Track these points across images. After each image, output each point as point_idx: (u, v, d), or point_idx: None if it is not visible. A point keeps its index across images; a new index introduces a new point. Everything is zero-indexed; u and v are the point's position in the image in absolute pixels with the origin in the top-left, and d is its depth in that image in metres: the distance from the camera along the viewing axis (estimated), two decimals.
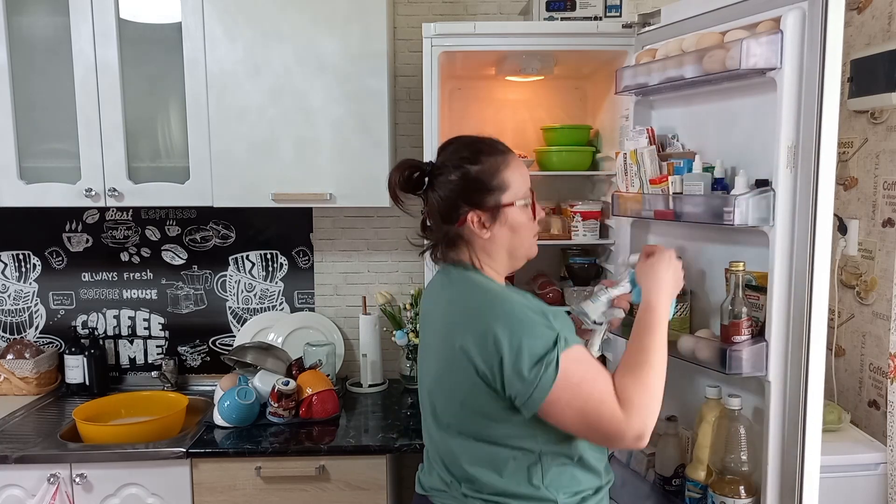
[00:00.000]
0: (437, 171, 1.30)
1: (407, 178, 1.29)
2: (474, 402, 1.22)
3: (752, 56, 1.30)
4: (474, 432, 1.24)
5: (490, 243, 1.29)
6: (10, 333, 2.52)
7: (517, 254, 1.33)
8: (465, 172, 1.26)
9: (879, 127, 1.93)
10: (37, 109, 2.11)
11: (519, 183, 1.29)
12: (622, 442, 1.17)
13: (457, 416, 1.26)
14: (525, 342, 1.15)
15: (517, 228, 1.29)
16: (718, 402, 1.48)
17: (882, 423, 1.91)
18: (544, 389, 1.14)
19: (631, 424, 1.15)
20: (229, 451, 1.91)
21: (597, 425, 1.16)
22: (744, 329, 1.37)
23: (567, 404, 1.15)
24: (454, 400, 1.25)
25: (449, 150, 1.31)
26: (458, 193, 1.26)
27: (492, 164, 1.27)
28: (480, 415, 1.22)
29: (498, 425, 1.22)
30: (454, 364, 1.22)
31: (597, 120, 2.25)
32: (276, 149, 2.08)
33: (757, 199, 1.33)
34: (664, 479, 1.61)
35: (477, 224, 1.27)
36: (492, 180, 1.26)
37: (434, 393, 1.31)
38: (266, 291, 2.50)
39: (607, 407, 1.16)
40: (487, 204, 1.26)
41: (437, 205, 1.29)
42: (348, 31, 2.04)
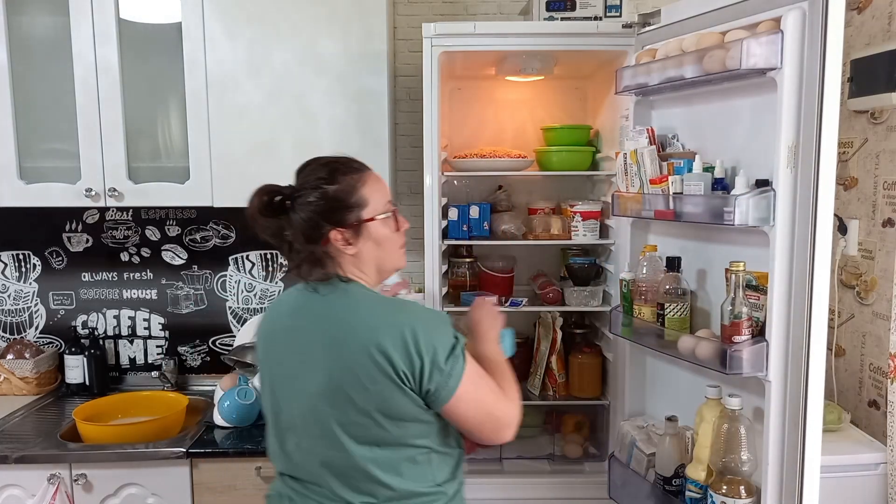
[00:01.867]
0: (296, 193, 1.30)
1: (267, 204, 1.29)
2: (387, 404, 1.21)
3: (753, 56, 1.30)
4: (379, 439, 1.23)
5: (357, 258, 1.31)
6: (10, 333, 2.51)
7: (385, 266, 1.36)
8: (323, 192, 1.28)
9: (879, 127, 1.93)
10: (37, 109, 2.11)
11: (377, 197, 1.31)
12: (511, 429, 1.28)
13: (361, 425, 1.23)
14: (437, 338, 1.21)
15: (382, 242, 1.32)
16: (719, 402, 1.48)
17: (882, 423, 1.91)
18: (458, 378, 1.21)
19: (517, 412, 1.28)
20: (229, 451, 1.91)
21: (495, 414, 1.25)
22: (744, 329, 1.37)
23: (474, 396, 1.23)
24: (361, 407, 1.22)
25: (306, 172, 1.32)
26: (319, 213, 1.27)
27: (348, 183, 1.29)
28: (391, 418, 1.22)
29: (404, 426, 1.23)
30: (362, 371, 1.20)
31: (597, 120, 2.25)
32: (276, 149, 2.08)
33: (757, 199, 1.33)
34: (664, 479, 1.61)
35: (341, 241, 1.29)
36: (350, 198, 1.28)
37: (326, 408, 1.25)
38: (266, 291, 2.50)
39: (501, 398, 1.27)
40: (348, 221, 1.28)
41: (299, 226, 1.29)
42: (348, 31, 2.04)
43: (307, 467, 1.29)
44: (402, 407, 1.22)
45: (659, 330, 1.58)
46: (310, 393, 1.26)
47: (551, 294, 2.11)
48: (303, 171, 1.34)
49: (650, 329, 1.63)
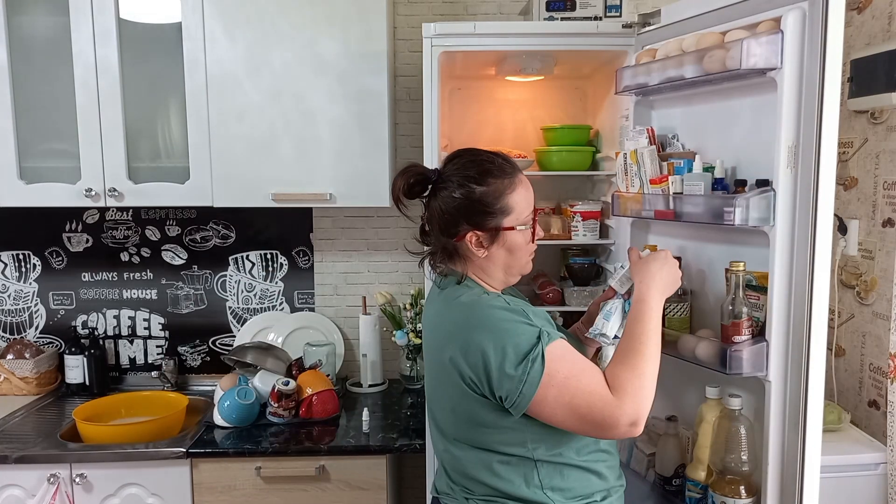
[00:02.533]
0: (441, 181, 1.29)
1: (412, 185, 1.29)
2: (465, 411, 1.24)
3: (753, 56, 1.30)
4: (469, 439, 1.26)
5: (486, 261, 1.30)
6: (10, 333, 2.51)
7: (512, 272, 1.33)
8: (469, 192, 1.26)
9: (879, 127, 1.93)
10: (37, 109, 2.11)
11: (523, 206, 1.29)
12: (616, 430, 1.16)
13: (452, 424, 1.29)
14: (508, 342, 1.17)
15: (514, 250, 1.30)
16: (719, 402, 1.48)
17: (882, 423, 1.91)
18: (533, 385, 1.15)
19: (624, 410, 1.15)
20: (229, 451, 1.91)
21: (588, 416, 1.16)
22: (744, 329, 1.37)
23: (556, 399, 1.16)
24: (447, 408, 1.28)
25: (457, 163, 1.30)
26: (460, 211, 1.26)
27: (497, 188, 1.27)
28: (473, 422, 1.24)
29: (490, 432, 1.23)
30: (444, 375, 1.25)
31: (597, 120, 2.25)
32: (276, 149, 2.08)
33: (757, 199, 1.33)
34: (664, 479, 1.61)
35: (475, 243, 1.27)
36: (495, 204, 1.26)
37: (432, 402, 1.34)
38: (266, 291, 2.50)
39: (597, 397, 1.16)
40: (487, 226, 1.27)
41: (437, 216, 1.29)
42: (348, 31, 2.04)
43: (434, 449, 1.40)
44: (477, 414, 1.22)
45: None
46: (427, 385, 1.38)
47: (551, 294, 2.11)
48: (453, 160, 1.31)
49: None
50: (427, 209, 1.32)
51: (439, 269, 1.33)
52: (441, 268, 1.33)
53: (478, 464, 1.26)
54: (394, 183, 1.30)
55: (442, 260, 1.32)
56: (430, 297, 1.40)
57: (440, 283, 1.35)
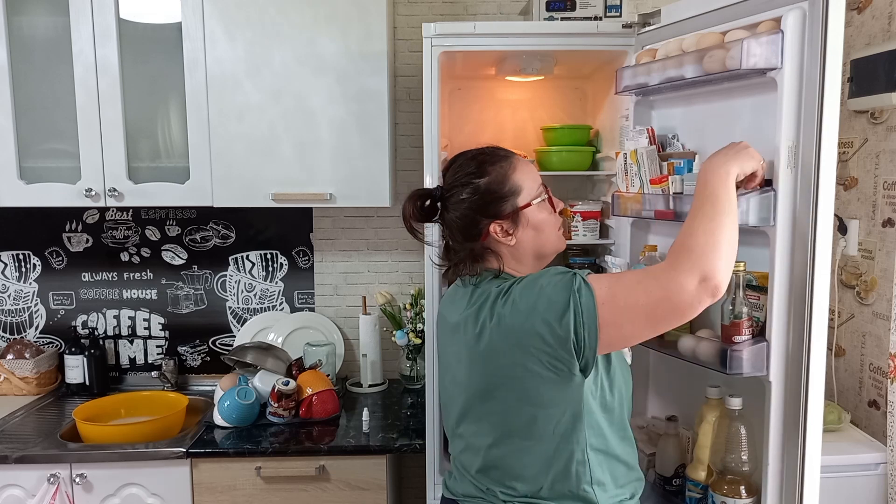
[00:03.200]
0: (447, 193, 1.30)
1: (420, 208, 1.30)
2: (529, 395, 1.20)
3: (753, 56, 1.30)
4: (522, 432, 1.22)
5: (517, 249, 1.29)
6: (10, 333, 2.51)
7: (545, 251, 1.32)
8: (475, 188, 1.26)
9: (879, 127, 1.93)
10: (37, 109, 2.11)
11: (530, 182, 1.29)
12: (687, 294, 1.09)
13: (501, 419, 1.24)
14: (552, 294, 1.15)
15: (540, 226, 1.29)
16: (719, 402, 1.48)
17: (882, 423, 1.91)
18: (591, 310, 1.13)
19: (683, 269, 1.10)
20: (229, 451, 1.91)
21: (654, 304, 1.11)
22: (744, 329, 1.37)
23: (615, 311, 1.13)
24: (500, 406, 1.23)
25: (453, 169, 1.31)
26: (474, 209, 1.26)
27: (499, 172, 1.27)
28: (534, 405, 1.20)
29: (548, 415, 1.19)
30: (502, 373, 1.21)
31: (597, 120, 2.25)
32: (276, 149, 2.08)
33: (757, 199, 1.33)
34: (664, 479, 1.61)
35: (501, 233, 1.27)
36: (503, 187, 1.26)
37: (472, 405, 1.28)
38: (266, 291, 2.50)
39: (649, 280, 1.13)
40: (505, 211, 1.26)
41: (456, 225, 1.29)
42: (348, 31, 2.04)
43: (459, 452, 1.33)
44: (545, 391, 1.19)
45: None
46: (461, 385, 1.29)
47: None
48: (449, 168, 1.32)
49: None
50: (444, 226, 1.33)
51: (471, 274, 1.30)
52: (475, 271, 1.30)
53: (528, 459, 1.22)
54: (403, 211, 1.31)
55: (472, 265, 1.30)
56: (455, 295, 1.34)
57: (473, 281, 1.30)
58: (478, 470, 1.29)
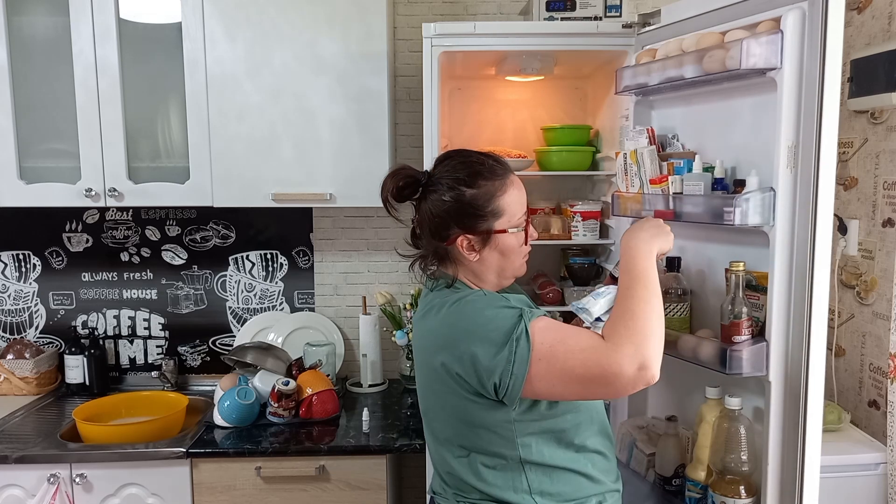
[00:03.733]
0: (431, 184, 1.26)
1: (401, 188, 1.27)
2: (459, 412, 1.23)
3: (752, 56, 1.30)
4: (460, 441, 1.26)
5: (478, 265, 1.28)
6: (10, 333, 2.51)
7: (505, 274, 1.31)
8: (459, 195, 1.23)
9: (879, 127, 1.93)
10: (37, 109, 2.11)
11: (515, 209, 1.26)
12: (623, 378, 1.10)
13: (444, 427, 1.29)
14: (492, 331, 1.16)
15: (507, 252, 1.27)
16: (718, 402, 1.48)
17: (882, 423, 1.91)
18: (522, 362, 1.13)
19: (624, 353, 1.10)
20: (229, 451, 1.91)
21: (588, 375, 1.11)
22: (744, 329, 1.37)
23: (548, 371, 1.13)
24: (440, 411, 1.28)
25: (447, 165, 1.27)
26: (450, 214, 1.24)
27: (488, 190, 1.24)
28: (465, 423, 1.24)
29: (481, 433, 1.23)
30: (437, 379, 1.24)
31: (597, 120, 2.25)
32: (276, 149, 2.08)
33: (757, 199, 1.33)
34: (664, 479, 1.61)
35: (466, 247, 1.25)
36: (486, 206, 1.24)
37: (425, 405, 1.34)
38: (266, 291, 2.50)
39: (590, 351, 1.12)
40: (479, 229, 1.24)
41: (427, 220, 1.27)
42: (348, 31, 2.04)
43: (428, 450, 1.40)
44: (470, 414, 1.22)
45: None
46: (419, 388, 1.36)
47: (551, 294, 2.11)
48: (443, 162, 1.29)
49: None
50: (417, 212, 1.30)
51: (430, 272, 1.33)
52: (432, 270, 1.32)
53: (467, 467, 1.26)
54: (383, 185, 1.28)
55: (433, 263, 1.31)
56: (421, 300, 1.38)
57: (431, 286, 1.33)
58: (439, 469, 1.35)
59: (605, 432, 1.33)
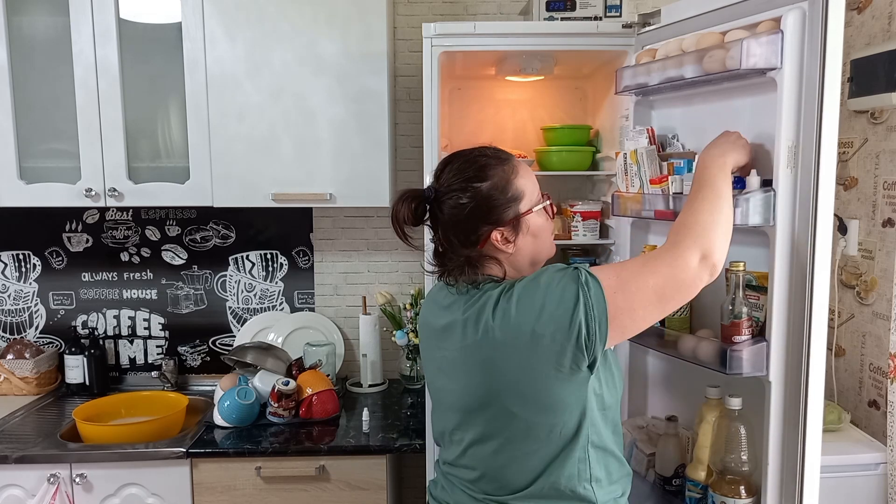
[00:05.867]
0: (442, 195, 1.22)
1: (415, 210, 1.23)
2: (533, 396, 1.16)
3: (752, 56, 1.30)
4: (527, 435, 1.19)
5: (515, 256, 1.24)
6: (10, 333, 2.51)
7: (541, 257, 1.29)
8: (476, 192, 1.20)
9: (879, 127, 1.93)
10: (37, 109, 2.11)
11: (531, 187, 1.25)
12: (691, 271, 1.14)
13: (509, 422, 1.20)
14: (559, 293, 1.13)
15: (539, 232, 1.26)
16: (719, 402, 1.48)
17: (882, 423, 1.91)
18: (600, 301, 1.12)
19: (685, 247, 1.15)
20: (229, 451, 1.91)
21: (662, 284, 1.14)
22: (744, 329, 1.37)
23: (626, 299, 1.13)
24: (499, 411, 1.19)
25: (450, 171, 1.24)
26: (475, 214, 1.20)
27: (501, 177, 1.21)
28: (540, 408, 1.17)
29: (553, 416, 1.17)
30: (501, 376, 1.17)
31: (597, 120, 2.25)
32: (276, 149, 2.08)
33: (757, 198, 1.33)
34: (664, 479, 1.61)
35: (501, 240, 1.22)
36: (506, 193, 1.21)
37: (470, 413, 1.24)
38: (266, 291, 2.50)
39: (654, 262, 1.16)
40: (507, 218, 1.21)
41: (452, 230, 1.22)
42: (348, 31, 2.04)
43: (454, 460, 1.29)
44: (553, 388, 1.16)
45: (659, 330, 1.57)
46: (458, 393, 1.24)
47: None
48: (444, 169, 1.25)
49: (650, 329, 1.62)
50: (438, 229, 1.25)
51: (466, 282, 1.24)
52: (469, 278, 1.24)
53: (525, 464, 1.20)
54: (395, 214, 1.23)
55: (469, 272, 1.23)
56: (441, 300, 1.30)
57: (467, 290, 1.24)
58: (475, 478, 1.25)
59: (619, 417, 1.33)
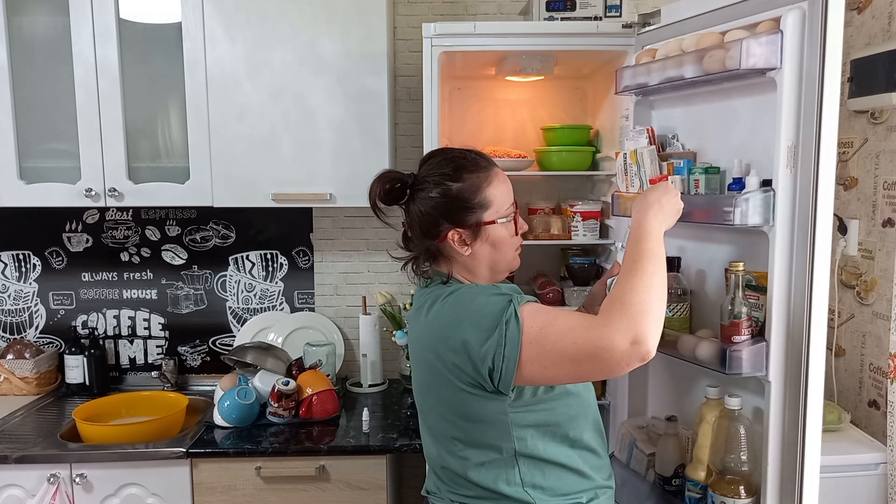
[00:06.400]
0: (418, 184, 1.28)
1: (388, 191, 1.29)
2: (454, 406, 1.24)
3: (752, 56, 1.30)
4: (454, 434, 1.27)
5: (471, 259, 1.29)
6: (10, 333, 2.51)
7: (498, 268, 1.32)
8: (445, 190, 1.25)
9: (879, 127, 1.93)
10: (37, 109, 2.11)
11: (502, 199, 1.28)
12: (616, 353, 1.07)
13: (440, 422, 1.29)
14: (482, 317, 1.16)
15: (498, 244, 1.29)
16: (718, 402, 1.48)
17: (882, 423, 1.91)
18: (514, 344, 1.12)
19: (616, 328, 1.07)
20: (229, 451, 1.91)
21: (580, 354, 1.10)
22: (744, 329, 1.37)
23: (540, 353, 1.12)
24: (436, 406, 1.29)
25: (431, 164, 1.30)
26: (439, 210, 1.26)
27: (473, 182, 1.26)
28: (461, 417, 1.24)
29: (477, 427, 1.23)
30: (433, 373, 1.25)
31: (597, 120, 2.25)
32: (276, 149, 2.08)
33: (757, 198, 1.33)
34: (664, 479, 1.61)
35: (457, 241, 1.26)
36: (473, 198, 1.25)
37: (421, 401, 1.35)
38: (266, 291, 2.50)
39: (581, 329, 1.10)
40: (468, 222, 1.26)
41: (417, 219, 1.28)
42: (348, 31, 2.04)
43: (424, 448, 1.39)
44: (466, 406, 1.22)
45: None
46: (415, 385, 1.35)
47: (551, 294, 2.11)
48: (427, 161, 1.31)
49: None
50: (407, 214, 1.32)
51: (424, 272, 1.33)
52: (426, 271, 1.33)
53: (462, 462, 1.26)
54: (371, 189, 1.29)
55: (426, 263, 1.32)
56: (416, 297, 1.39)
57: (426, 284, 1.34)
58: (434, 466, 1.35)
59: (598, 429, 1.33)
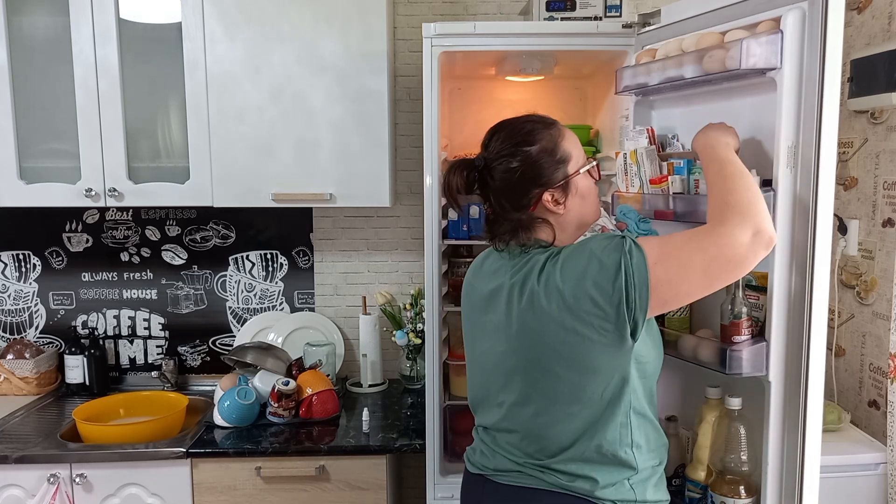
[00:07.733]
0: (492, 162, 1.28)
1: (467, 179, 1.28)
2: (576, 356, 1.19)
3: (752, 56, 1.30)
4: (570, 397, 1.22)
5: (564, 218, 1.29)
6: (10, 333, 2.52)
7: (587, 220, 1.33)
8: (526, 155, 1.25)
9: (879, 127, 1.93)
10: (37, 109, 2.12)
11: (577, 150, 1.30)
12: (743, 248, 1.13)
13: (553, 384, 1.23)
14: (604, 259, 1.16)
15: (586, 195, 1.30)
16: (718, 402, 1.48)
17: (882, 423, 1.91)
18: (642, 270, 1.13)
19: (734, 225, 1.14)
20: (229, 451, 1.91)
21: (708, 261, 1.13)
22: (744, 329, 1.37)
23: (669, 271, 1.14)
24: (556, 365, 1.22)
25: (499, 138, 1.29)
26: (526, 177, 1.25)
27: (549, 140, 1.27)
28: (581, 369, 1.20)
29: (597, 381, 1.19)
30: (558, 328, 1.19)
31: (597, 120, 2.25)
32: (276, 149, 2.08)
33: None
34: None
35: (552, 202, 1.27)
36: (555, 155, 1.26)
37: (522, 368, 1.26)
38: (266, 291, 2.50)
39: (702, 239, 1.15)
40: (557, 179, 1.26)
41: (504, 194, 1.27)
42: (348, 31, 2.04)
43: (494, 424, 1.32)
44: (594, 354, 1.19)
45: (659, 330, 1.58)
46: (501, 354, 1.28)
47: None
48: (493, 137, 1.30)
49: None
50: (489, 197, 1.30)
51: (517, 244, 1.29)
52: (527, 240, 1.29)
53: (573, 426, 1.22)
54: (448, 182, 1.28)
55: (524, 236, 1.28)
56: (491, 265, 1.34)
57: (517, 250, 1.29)
58: (516, 441, 1.28)
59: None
